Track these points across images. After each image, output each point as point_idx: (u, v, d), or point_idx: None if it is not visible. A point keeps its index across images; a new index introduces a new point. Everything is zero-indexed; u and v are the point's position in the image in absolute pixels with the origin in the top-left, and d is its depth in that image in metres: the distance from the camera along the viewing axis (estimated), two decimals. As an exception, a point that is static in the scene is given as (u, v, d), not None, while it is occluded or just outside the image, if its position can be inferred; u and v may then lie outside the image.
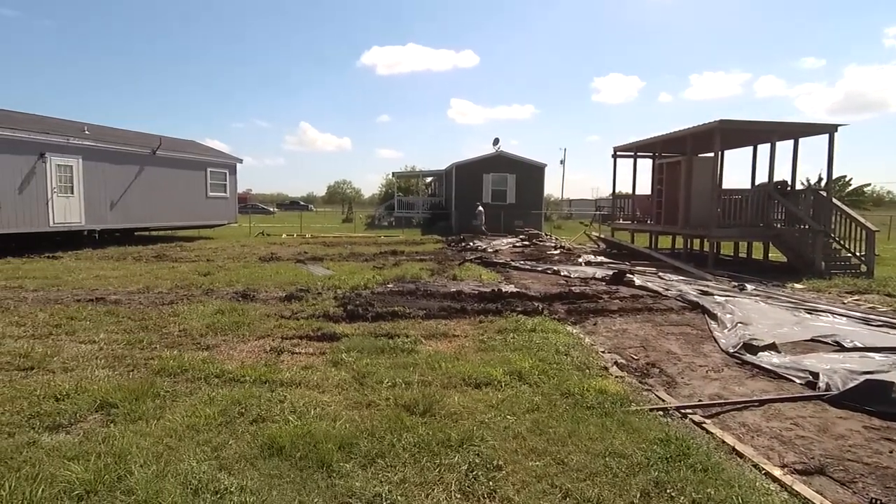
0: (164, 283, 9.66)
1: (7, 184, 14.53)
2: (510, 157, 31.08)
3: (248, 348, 5.64)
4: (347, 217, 45.90)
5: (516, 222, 29.08)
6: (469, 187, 30.33)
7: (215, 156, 23.32)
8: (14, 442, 3.36)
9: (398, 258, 14.50)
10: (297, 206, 71.77)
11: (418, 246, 19.33)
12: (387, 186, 57.64)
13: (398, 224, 33.44)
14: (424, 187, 46.05)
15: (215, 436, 3.50)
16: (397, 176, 44.37)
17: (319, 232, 28.29)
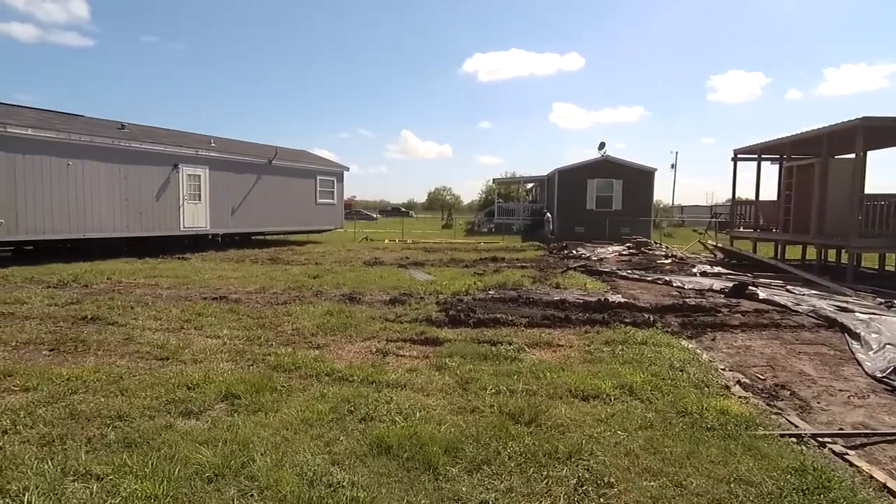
0: (278, 284, 10.46)
1: (148, 192, 16.63)
2: (616, 162, 29.88)
3: (355, 349, 5.92)
4: (447, 223, 46.82)
5: (622, 230, 27.85)
6: (572, 193, 29.62)
7: (324, 164, 24.93)
8: (154, 424, 3.79)
9: (498, 265, 14.49)
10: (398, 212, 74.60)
11: (518, 253, 19.19)
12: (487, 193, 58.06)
13: (498, 230, 33.46)
14: (525, 193, 45.74)
15: (327, 431, 3.70)
16: (497, 182, 44.53)
17: (420, 237, 29.14)
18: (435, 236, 31.11)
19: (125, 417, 3.85)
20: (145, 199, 16.53)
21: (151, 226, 16.74)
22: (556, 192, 30.73)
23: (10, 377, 4.64)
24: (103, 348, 5.71)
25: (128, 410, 3.96)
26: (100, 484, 2.92)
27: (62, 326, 6.60)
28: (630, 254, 18.62)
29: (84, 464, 3.13)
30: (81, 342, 5.89)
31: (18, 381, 4.54)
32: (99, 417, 3.84)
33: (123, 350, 5.67)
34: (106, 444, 3.44)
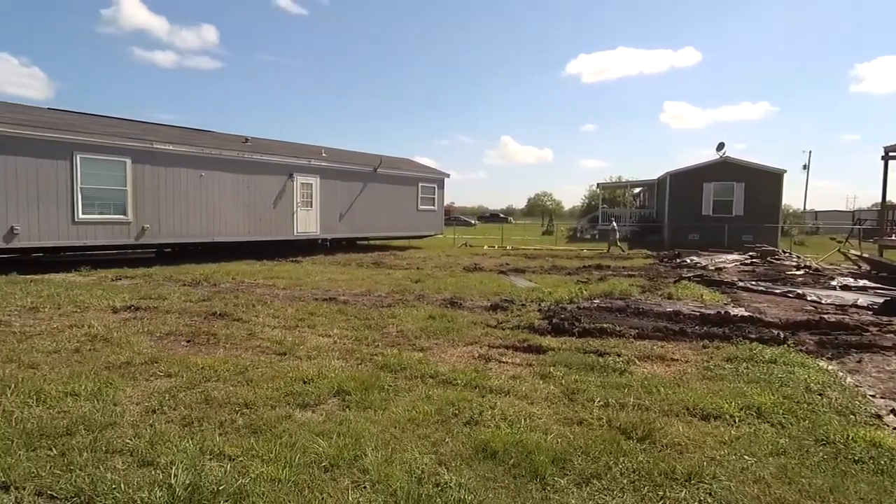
0: (383, 288, 10.93)
1: (266, 200, 18.18)
2: (738, 164, 27.64)
3: (457, 353, 6.02)
4: (548, 229, 46.07)
5: (744, 237, 25.67)
6: (685, 198, 27.85)
7: (426, 171, 25.70)
8: (275, 414, 4.13)
9: (604, 273, 14.00)
10: (496, 218, 74.81)
11: (625, 261, 18.40)
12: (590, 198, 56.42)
13: (602, 237, 32.31)
14: (632, 198, 43.79)
15: (433, 432, 3.80)
16: (602, 187, 43.05)
17: (520, 244, 28.97)
18: (535, 243, 30.74)
19: (251, 405, 4.24)
20: (264, 206, 18.07)
21: (269, 231, 18.26)
22: (667, 197, 29.06)
23: (157, 363, 5.30)
24: (230, 342, 6.33)
25: (253, 399, 4.36)
26: (232, 464, 3.24)
27: (196, 321, 7.40)
28: (753, 264, 17.09)
29: (218, 445, 3.49)
30: (212, 335, 6.57)
31: (163, 368, 5.17)
32: (229, 404, 4.26)
33: (247, 344, 6.25)
34: (235, 428, 3.81)
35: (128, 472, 3.11)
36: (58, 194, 13.17)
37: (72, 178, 13.39)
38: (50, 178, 13.05)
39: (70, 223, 13.41)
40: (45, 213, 12.95)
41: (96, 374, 4.87)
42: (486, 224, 65.39)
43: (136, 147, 14.70)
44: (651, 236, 29.04)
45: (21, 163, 12.60)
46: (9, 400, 4.18)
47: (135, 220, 14.63)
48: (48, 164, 13.01)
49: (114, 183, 14.25)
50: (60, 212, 13.21)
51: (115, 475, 3.06)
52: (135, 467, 3.19)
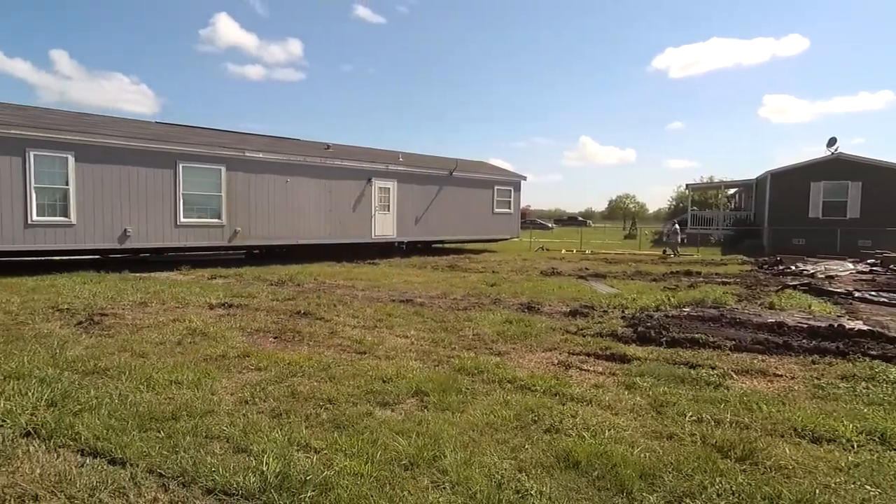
0: (458, 291, 11.02)
1: (346, 204, 18.90)
2: (853, 160, 25.25)
3: (535, 358, 5.95)
4: (630, 233, 44.41)
5: (861, 242, 23.36)
6: (788, 199, 25.80)
7: (501, 174, 25.64)
8: (357, 411, 4.28)
9: (693, 279, 13.28)
10: (574, 221, 73.12)
11: (718, 266, 17.34)
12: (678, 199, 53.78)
13: (691, 241, 30.65)
14: (726, 200, 41.25)
15: (512, 437, 3.78)
16: (692, 188, 40.84)
17: (599, 248, 28.15)
18: (616, 247, 29.72)
19: (333, 401, 4.43)
20: (344, 210, 18.81)
21: (348, 233, 18.98)
22: (766, 199, 27.06)
23: (248, 357, 5.67)
24: (314, 339, 6.64)
25: (335, 395, 4.55)
26: (318, 456, 3.40)
27: (282, 318, 7.84)
28: (873, 272, 15.50)
29: (305, 437, 3.67)
30: (297, 333, 6.93)
31: (254, 362, 5.52)
32: (313, 399, 4.47)
33: (329, 342, 6.53)
34: (320, 422, 4.00)
35: (225, 457, 3.36)
36: (163, 200, 14.46)
37: (175, 185, 14.65)
38: (157, 185, 14.36)
39: (173, 226, 14.67)
40: (152, 217, 14.26)
41: (196, 365, 5.30)
42: (564, 227, 64.08)
43: (230, 155, 15.82)
44: (748, 241, 27.12)
45: (133, 172, 13.96)
46: (124, 385, 4.64)
47: (228, 224, 15.74)
48: (156, 172, 14.33)
49: (210, 189, 15.42)
50: (165, 216, 14.50)
51: (214, 459, 3.31)
52: (231, 453, 3.44)
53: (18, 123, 12.73)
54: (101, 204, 13.46)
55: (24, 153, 12.35)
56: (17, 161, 12.28)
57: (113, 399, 4.28)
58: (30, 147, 12.44)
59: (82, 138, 13.26)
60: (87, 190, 13.23)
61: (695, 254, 23.86)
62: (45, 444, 3.55)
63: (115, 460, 3.33)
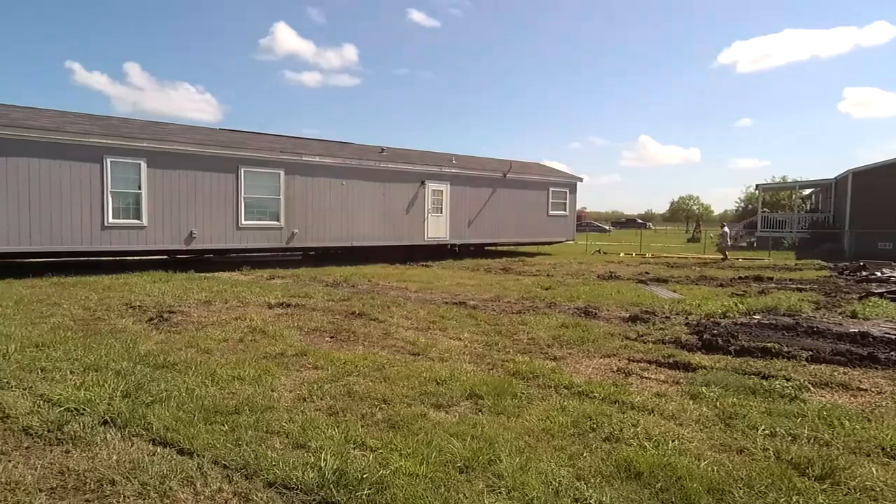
0: (512, 294, 10.94)
1: (400, 206, 19.16)
2: (946, 155, 23.26)
3: (593, 364, 5.82)
4: (693, 236, 42.69)
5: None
6: (873, 200, 24.07)
7: (557, 176, 25.28)
8: (411, 411, 4.32)
9: (764, 285, 12.61)
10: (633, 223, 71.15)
11: (792, 272, 16.40)
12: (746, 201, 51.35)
13: (761, 245, 29.16)
14: (801, 201, 39.00)
15: (569, 444, 3.71)
16: (762, 188, 38.89)
17: (660, 251, 27.23)
18: (678, 250, 28.65)
19: (388, 401, 4.49)
20: (398, 213, 19.08)
21: (401, 236, 19.23)
22: (848, 199, 25.35)
23: (305, 356, 5.84)
24: (368, 340, 6.77)
25: (390, 396, 4.61)
26: (373, 455, 3.46)
27: (338, 318, 8.03)
28: (970, 280, 14.21)
29: (360, 435, 3.74)
30: (352, 333, 7.08)
31: (311, 360, 5.68)
32: (368, 398, 4.55)
33: (383, 343, 6.63)
34: (375, 422, 4.06)
35: (284, 452, 3.47)
36: (226, 203, 15.16)
37: (237, 189, 15.33)
38: (220, 189, 15.07)
39: (235, 228, 15.35)
40: (216, 220, 14.98)
41: (256, 362, 5.51)
42: (622, 230, 62.41)
43: (289, 160, 16.39)
44: (825, 244, 25.49)
45: (199, 177, 14.72)
46: (191, 379, 4.89)
47: (286, 226, 16.30)
48: (219, 177, 15.05)
49: (269, 192, 16.03)
50: (228, 218, 15.19)
51: (275, 453, 3.43)
52: (290, 448, 3.55)
53: (97, 133, 13.70)
54: (169, 207, 14.26)
55: (101, 160, 13.27)
56: (96, 168, 13.20)
57: (181, 392, 4.51)
58: (107, 154, 13.35)
59: (153, 146, 14.11)
60: (157, 194, 14.05)
61: (765, 258, 22.67)
62: (120, 432, 3.79)
63: (184, 451, 3.51)
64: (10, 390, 4.61)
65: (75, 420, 3.96)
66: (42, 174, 12.53)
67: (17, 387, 4.70)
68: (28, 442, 3.67)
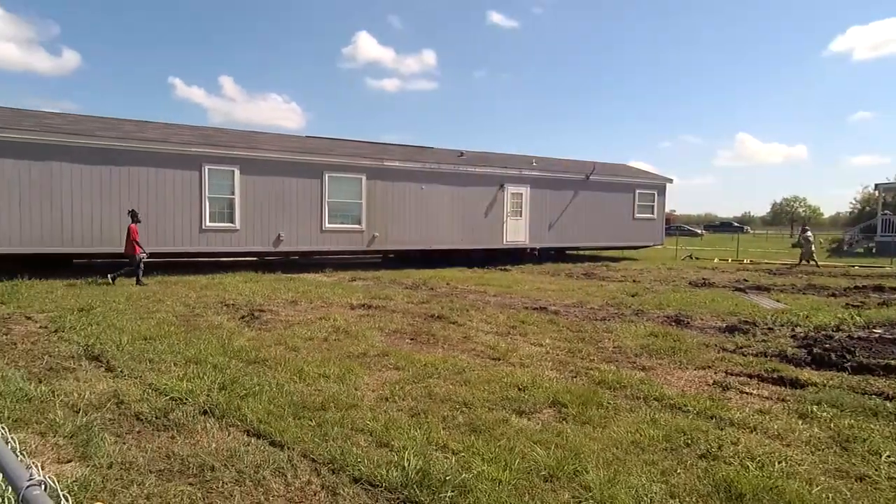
0: (595, 300, 10.65)
1: (478, 210, 19.22)
2: None
3: (686, 376, 5.54)
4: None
5: None
6: None
7: (644, 177, 24.33)
8: (493, 416, 4.31)
9: (886, 296, 11.42)
10: (729, 227, 66.91)
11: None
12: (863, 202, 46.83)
13: (882, 251, 26.46)
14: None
15: (661, 459, 3.55)
16: (883, 188, 35.25)
17: (760, 257, 25.45)
18: (782, 256, 26.60)
19: (469, 405, 4.51)
20: (476, 216, 19.15)
21: (479, 239, 19.28)
22: None
23: (387, 357, 6.00)
24: (448, 343, 6.84)
25: (471, 399, 4.63)
26: (455, 458, 3.49)
27: (417, 321, 8.18)
28: None
29: (442, 438, 3.79)
30: (432, 335, 7.18)
31: (392, 361, 5.83)
32: (449, 401, 4.60)
33: (463, 346, 6.67)
34: (456, 424, 4.09)
35: (369, 450, 3.58)
36: (311, 207, 15.92)
37: (321, 194, 16.06)
38: (306, 193, 15.86)
39: (319, 231, 16.08)
40: (301, 223, 15.77)
41: (340, 361, 5.73)
42: (716, 234, 58.88)
43: (370, 165, 16.95)
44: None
45: (286, 182, 15.57)
46: (280, 375, 5.17)
47: (367, 229, 16.85)
48: (305, 182, 15.83)
49: (352, 197, 16.64)
50: (312, 222, 15.95)
51: (359, 450, 3.55)
52: (374, 446, 3.66)
53: (197, 142, 14.87)
54: (259, 211, 15.19)
55: (200, 168, 14.37)
56: (195, 175, 14.32)
57: (271, 387, 4.79)
58: (205, 162, 14.45)
59: (246, 153, 15.10)
60: (248, 199, 15.01)
61: (886, 265, 20.54)
62: (218, 422, 4.08)
63: (275, 443, 3.71)
64: (123, 378, 5.10)
65: (179, 408, 4.31)
66: (149, 181, 13.77)
67: (129, 375, 5.18)
68: (139, 426, 4.03)
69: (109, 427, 3.98)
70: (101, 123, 15.59)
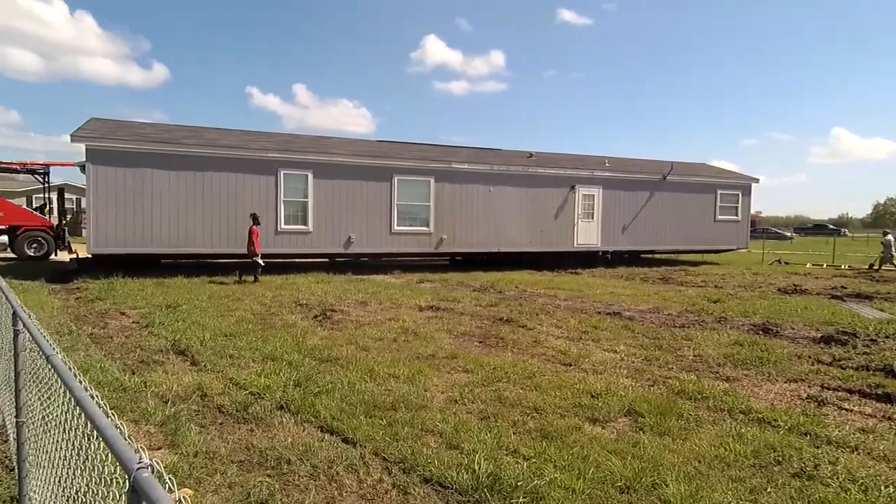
0: (673, 306, 10.21)
1: (548, 212, 18.94)
2: None
3: (776, 389, 5.20)
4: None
5: None
6: None
7: (727, 177, 23.12)
8: (565, 423, 4.23)
9: None
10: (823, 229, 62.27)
11: None
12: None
13: None
14: None
15: (748, 476, 3.35)
16: None
17: (861, 262, 23.48)
18: (885, 263, 24.39)
19: (540, 410, 4.45)
20: (545, 219, 18.89)
21: (549, 242, 18.99)
22: None
23: (455, 359, 6.03)
24: (517, 347, 6.78)
25: (542, 405, 4.57)
26: (527, 463, 3.45)
27: (485, 324, 8.17)
28: None
29: (513, 442, 3.76)
30: (500, 339, 7.15)
31: (461, 364, 5.85)
32: (519, 406, 4.56)
33: (533, 351, 6.59)
34: (527, 430, 4.05)
35: (439, 451, 3.61)
36: (380, 210, 16.30)
37: (391, 196, 16.41)
38: (376, 196, 16.26)
39: (388, 233, 16.43)
40: (371, 225, 16.19)
41: (410, 362, 5.82)
42: (808, 237, 54.91)
43: (438, 168, 17.13)
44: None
45: (357, 185, 16.04)
46: (351, 373, 5.32)
47: (434, 232, 17.03)
48: (375, 185, 16.24)
49: (420, 199, 16.89)
50: (382, 224, 16.32)
51: (430, 451, 3.59)
52: (444, 448, 3.69)
53: (273, 148, 15.61)
54: (331, 214, 15.72)
55: (276, 173, 15.07)
56: (272, 179, 15.03)
57: (343, 385, 4.93)
58: (281, 167, 15.13)
59: (319, 158, 15.68)
60: (320, 202, 15.58)
61: None
62: (293, 417, 4.25)
63: (347, 440, 3.82)
64: (206, 372, 5.43)
65: (257, 403, 4.53)
66: (230, 186, 14.60)
67: (211, 370, 5.51)
68: (221, 418, 4.27)
69: (195, 418, 4.24)
70: (186, 132, 16.70)
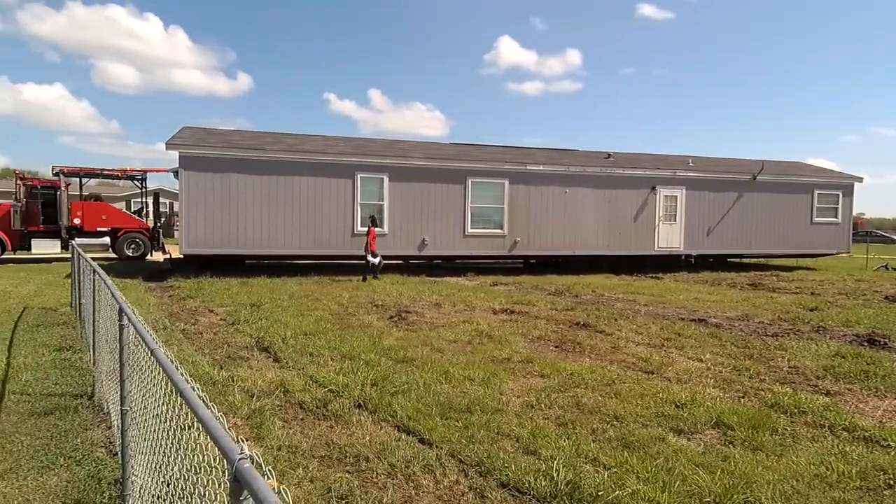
0: (764, 313, 9.59)
1: (627, 214, 18.35)
2: None
3: (885, 406, 4.78)
4: None
5: None
6: None
7: (824, 176, 21.45)
8: (647, 433, 4.08)
9: None
10: (938, 233, 56.29)
11: None
12: None
13: None
14: None
15: (854, 499, 3.10)
16: None
17: (985, 270, 21.01)
18: None
19: (620, 419, 4.32)
20: (624, 221, 18.32)
21: (627, 245, 18.39)
22: None
23: (531, 363, 5.97)
24: (595, 352, 6.62)
25: (622, 413, 4.43)
26: (608, 473, 3.36)
27: (562, 328, 8.03)
28: None
29: (592, 451, 3.68)
30: (577, 344, 7.01)
31: (536, 368, 5.79)
32: (598, 413, 4.44)
33: (611, 357, 6.41)
34: (607, 438, 3.94)
35: (515, 456, 3.59)
36: (454, 212, 16.45)
37: (464, 199, 16.51)
38: (449, 199, 16.43)
39: (461, 236, 16.54)
40: (445, 228, 16.36)
41: (484, 365, 5.83)
42: (923, 241, 49.79)
43: (512, 170, 17.05)
44: None
45: (431, 188, 16.28)
46: (427, 375, 5.40)
47: (508, 234, 16.95)
48: (448, 188, 16.41)
49: (494, 202, 16.88)
50: (455, 227, 16.46)
51: (506, 455, 3.58)
52: (520, 453, 3.66)
53: (350, 153, 16.15)
54: (406, 216, 16.04)
55: (353, 176, 15.58)
56: (349, 183, 15.55)
57: (419, 386, 5.01)
58: (357, 171, 15.63)
59: (394, 161, 16.05)
60: (396, 204, 15.93)
61: None
62: (371, 416, 4.37)
63: (424, 440, 3.88)
64: (288, 369, 5.69)
65: (336, 400, 4.69)
66: (309, 189, 15.24)
67: (293, 367, 5.77)
68: (302, 414, 4.47)
69: (278, 413, 4.46)
70: (269, 138, 17.61)
